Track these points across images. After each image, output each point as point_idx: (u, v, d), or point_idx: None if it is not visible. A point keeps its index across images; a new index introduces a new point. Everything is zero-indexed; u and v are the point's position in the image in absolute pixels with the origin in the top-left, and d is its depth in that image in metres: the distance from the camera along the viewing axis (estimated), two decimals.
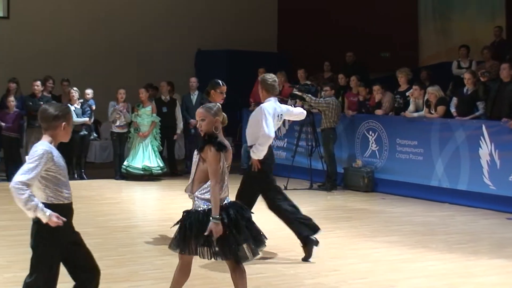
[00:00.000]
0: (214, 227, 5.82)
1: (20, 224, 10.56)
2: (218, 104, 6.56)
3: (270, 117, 8.63)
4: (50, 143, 5.32)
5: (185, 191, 6.12)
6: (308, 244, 8.69)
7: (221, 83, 9.43)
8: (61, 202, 5.29)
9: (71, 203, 5.40)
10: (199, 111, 6.18)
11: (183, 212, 6.10)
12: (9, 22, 19.62)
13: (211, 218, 5.84)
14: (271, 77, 9.00)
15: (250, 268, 6.87)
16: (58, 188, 5.27)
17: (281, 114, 8.93)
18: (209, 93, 9.42)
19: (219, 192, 5.92)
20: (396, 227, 11.04)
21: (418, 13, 19.39)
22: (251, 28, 22.14)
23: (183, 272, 6.16)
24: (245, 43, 21.43)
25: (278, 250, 9.04)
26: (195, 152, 6.12)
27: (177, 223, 6.10)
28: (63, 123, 5.36)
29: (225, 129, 7.16)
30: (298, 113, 9.52)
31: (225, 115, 6.25)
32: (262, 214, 11.74)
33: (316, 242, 8.70)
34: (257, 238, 6.12)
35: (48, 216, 5.12)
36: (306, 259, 8.65)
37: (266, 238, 6.21)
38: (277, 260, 8.64)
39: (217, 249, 5.90)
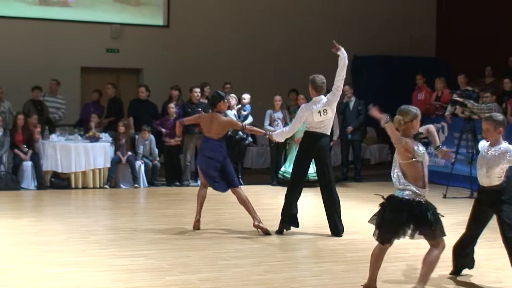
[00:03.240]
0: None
1: (178, 228, 10.78)
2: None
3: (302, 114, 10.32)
4: None
5: None
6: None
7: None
8: None
9: None
10: None
11: None
12: (169, 30, 20.12)
13: None
14: (320, 78, 10.76)
15: (410, 278, 6.69)
16: None
17: (325, 109, 10.38)
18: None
19: None
20: None
21: None
22: (408, 33, 21.76)
23: None
24: (402, 48, 21.10)
25: (443, 263, 8.77)
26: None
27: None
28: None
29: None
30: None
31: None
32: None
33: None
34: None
35: None
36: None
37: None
38: (440, 273, 8.33)
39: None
